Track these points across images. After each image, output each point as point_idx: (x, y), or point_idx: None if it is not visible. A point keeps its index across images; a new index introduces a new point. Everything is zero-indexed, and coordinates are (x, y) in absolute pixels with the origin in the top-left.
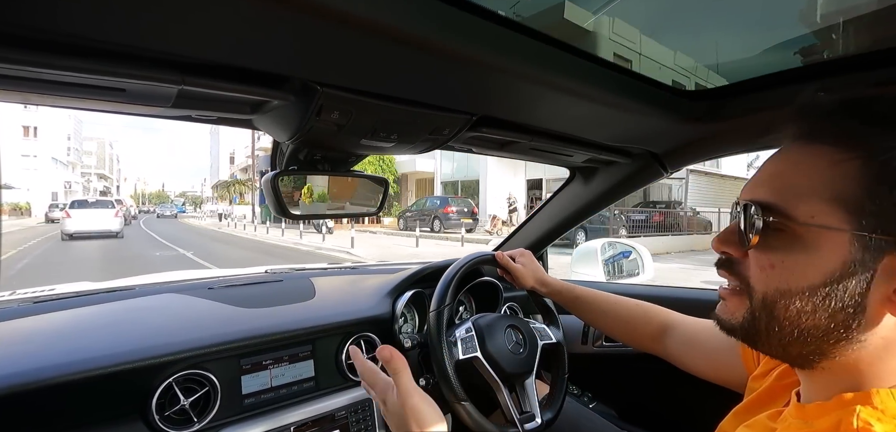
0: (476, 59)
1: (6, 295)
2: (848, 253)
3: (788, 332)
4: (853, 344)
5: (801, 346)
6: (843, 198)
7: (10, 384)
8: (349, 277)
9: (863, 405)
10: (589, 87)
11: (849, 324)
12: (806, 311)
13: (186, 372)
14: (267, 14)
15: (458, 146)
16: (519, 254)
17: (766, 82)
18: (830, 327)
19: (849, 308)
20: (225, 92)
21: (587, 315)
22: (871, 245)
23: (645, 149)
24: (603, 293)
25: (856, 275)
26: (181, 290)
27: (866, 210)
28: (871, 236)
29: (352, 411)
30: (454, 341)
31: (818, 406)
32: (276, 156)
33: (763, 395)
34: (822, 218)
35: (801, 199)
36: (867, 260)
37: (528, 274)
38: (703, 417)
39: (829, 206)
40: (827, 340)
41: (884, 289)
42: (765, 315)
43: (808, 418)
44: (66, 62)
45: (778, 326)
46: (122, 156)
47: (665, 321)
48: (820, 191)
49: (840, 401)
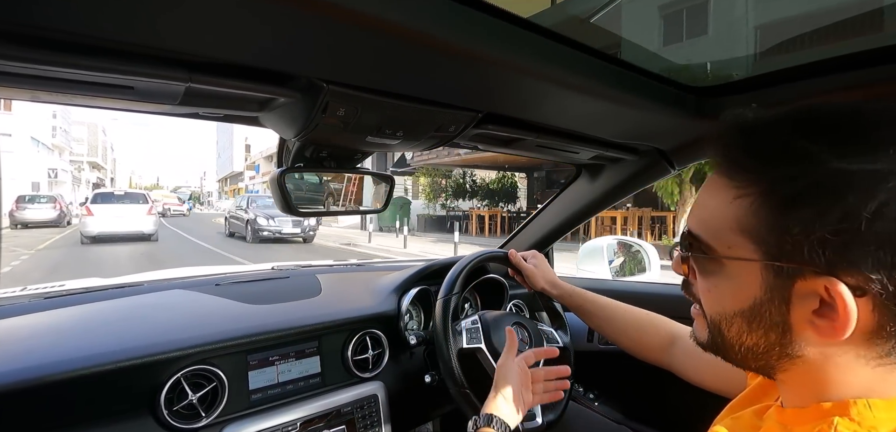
0: (482, 55)
1: (17, 290)
2: (764, 280)
3: (738, 349)
4: (794, 359)
5: (753, 361)
6: (748, 231)
7: (21, 379)
8: (355, 274)
9: (840, 416)
10: (595, 84)
11: (782, 342)
12: (744, 331)
13: (194, 368)
14: (274, 13)
15: (463, 143)
16: (531, 255)
17: (773, 78)
18: (767, 346)
19: (777, 328)
20: (232, 90)
21: (594, 321)
22: (780, 273)
23: (652, 145)
24: (611, 301)
25: (774, 300)
26: (189, 287)
27: (768, 241)
28: (778, 265)
29: (357, 407)
30: (459, 331)
31: (795, 412)
32: (282, 153)
33: (756, 389)
34: (737, 249)
35: (718, 232)
36: (780, 285)
37: (539, 275)
38: (707, 417)
39: (740, 238)
40: (769, 356)
41: (802, 311)
42: (717, 333)
43: (786, 423)
44: (76, 60)
45: (729, 344)
46: (115, 145)
47: (672, 332)
48: (731, 224)
49: (818, 411)
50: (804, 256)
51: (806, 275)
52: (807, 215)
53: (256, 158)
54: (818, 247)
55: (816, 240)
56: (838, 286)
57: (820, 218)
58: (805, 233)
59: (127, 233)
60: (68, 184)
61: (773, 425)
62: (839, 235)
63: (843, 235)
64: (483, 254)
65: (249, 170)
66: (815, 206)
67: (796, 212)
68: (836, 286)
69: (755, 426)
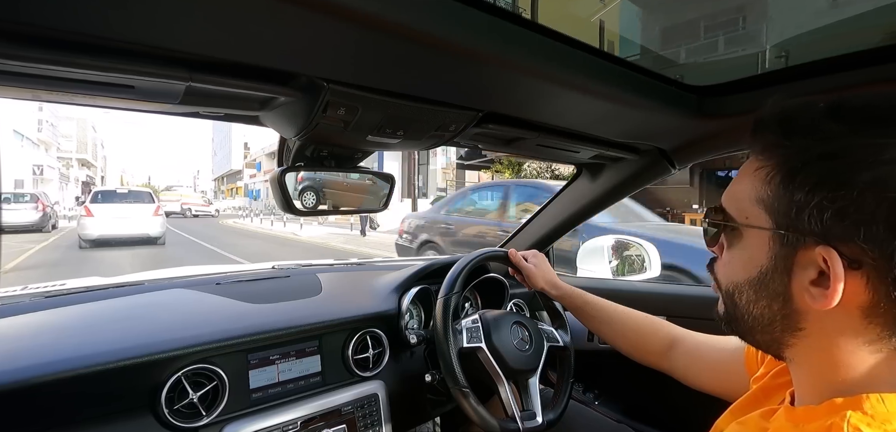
0: (482, 54)
1: (18, 289)
2: (771, 248)
3: (748, 320)
4: (797, 333)
5: (761, 333)
6: (763, 200)
7: (22, 378)
8: (356, 273)
9: (853, 410)
10: (596, 83)
11: (783, 312)
12: (751, 300)
13: (195, 367)
14: (275, 12)
15: (464, 142)
16: (531, 255)
17: (774, 78)
18: (771, 316)
19: (779, 298)
20: (232, 89)
21: (593, 323)
22: (786, 241)
23: (653, 145)
24: (611, 303)
25: (778, 268)
26: (189, 286)
27: (777, 210)
28: (784, 233)
29: (358, 406)
30: (460, 330)
31: (807, 410)
32: (283, 152)
33: (758, 392)
34: (753, 218)
35: (740, 203)
36: (785, 254)
37: (539, 275)
38: (708, 416)
39: (756, 208)
40: (773, 327)
41: (801, 280)
42: (731, 305)
43: (798, 422)
44: (77, 59)
45: (739, 314)
46: (106, 142)
47: (671, 336)
48: (750, 194)
49: (831, 406)
50: (805, 224)
51: (807, 244)
52: (810, 182)
53: (257, 156)
54: (817, 214)
55: (815, 207)
56: (833, 254)
57: (820, 184)
58: (807, 201)
59: (131, 236)
60: (55, 182)
61: (784, 425)
62: (835, 202)
63: (838, 202)
64: (483, 254)
65: (249, 169)
66: (818, 175)
67: (802, 179)
68: (832, 254)
69: (763, 428)
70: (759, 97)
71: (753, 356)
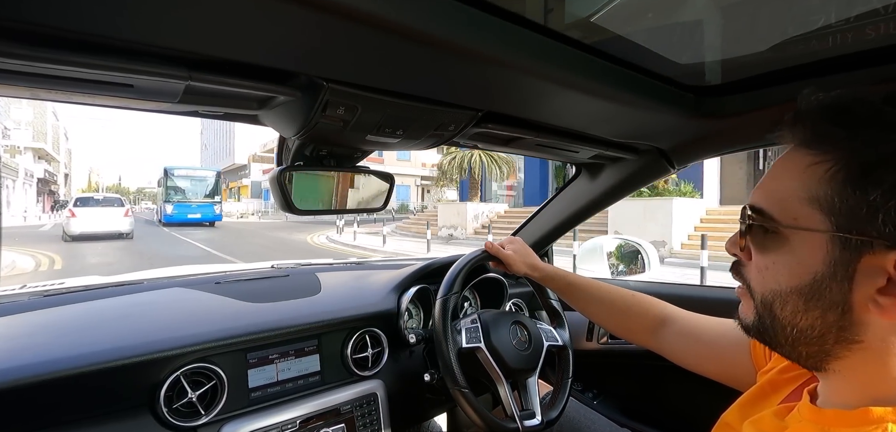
0: (482, 54)
1: (16, 288)
2: (828, 253)
3: (790, 332)
4: (852, 345)
5: (806, 346)
6: (818, 200)
7: (20, 376)
8: (354, 273)
9: (895, 423)
10: (595, 83)
11: (840, 324)
12: (799, 311)
13: (194, 366)
14: (274, 10)
15: (463, 142)
16: (508, 241)
17: (773, 78)
18: (823, 327)
19: (836, 307)
20: (232, 87)
21: (581, 303)
22: (848, 245)
23: (652, 145)
24: (598, 282)
25: (837, 275)
26: (188, 285)
27: (840, 211)
28: (847, 236)
29: (357, 405)
30: (459, 330)
31: (837, 414)
32: (282, 152)
33: (766, 386)
34: (803, 220)
35: (785, 202)
36: (846, 260)
37: (518, 259)
38: (709, 415)
39: (808, 209)
40: (825, 340)
41: (865, 289)
42: (767, 315)
43: (825, 424)
44: (76, 58)
45: (780, 326)
46: (70, 133)
47: (662, 314)
48: (800, 193)
49: (866, 415)
50: (877, 227)
51: (875, 248)
52: (887, 182)
53: (270, 144)
54: (894, 215)
55: (893, 209)
56: None
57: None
58: (883, 202)
59: (106, 232)
60: None
61: (806, 426)
62: None
63: None
64: (479, 254)
65: (262, 162)
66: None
67: (875, 178)
68: None
69: (779, 427)
70: (759, 97)
71: (761, 349)
